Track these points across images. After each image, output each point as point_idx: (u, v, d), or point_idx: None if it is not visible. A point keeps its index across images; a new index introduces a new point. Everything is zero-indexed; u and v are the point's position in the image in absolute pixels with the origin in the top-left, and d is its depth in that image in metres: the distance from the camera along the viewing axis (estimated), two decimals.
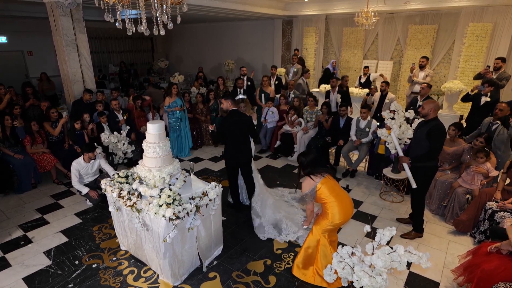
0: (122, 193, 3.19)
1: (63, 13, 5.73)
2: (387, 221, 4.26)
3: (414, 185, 3.71)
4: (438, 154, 3.62)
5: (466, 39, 7.56)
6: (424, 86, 5.78)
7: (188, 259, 3.24)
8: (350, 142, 5.65)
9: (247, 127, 4.16)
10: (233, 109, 4.09)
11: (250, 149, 4.28)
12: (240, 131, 4.11)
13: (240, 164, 4.25)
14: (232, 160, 4.23)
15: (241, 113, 4.19)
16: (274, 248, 3.69)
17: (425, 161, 3.58)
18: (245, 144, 4.20)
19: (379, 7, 7.82)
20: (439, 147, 3.54)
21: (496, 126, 4.49)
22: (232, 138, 4.11)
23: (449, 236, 3.95)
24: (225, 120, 4.16)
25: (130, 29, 2.86)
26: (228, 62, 11.06)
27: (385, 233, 2.45)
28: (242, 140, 4.15)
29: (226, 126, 4.10)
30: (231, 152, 4.19)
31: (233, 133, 4.09)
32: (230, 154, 4.21)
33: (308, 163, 3.03)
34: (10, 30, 10.19)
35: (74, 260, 3.49)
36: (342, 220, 2.97)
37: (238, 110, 4.14)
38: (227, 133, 4.10)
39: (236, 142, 4.13)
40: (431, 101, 3.73)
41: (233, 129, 4.07)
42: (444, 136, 3.61)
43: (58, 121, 5.42)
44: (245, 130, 4.14)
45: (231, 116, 4.09)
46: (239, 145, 4.14)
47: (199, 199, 3.09)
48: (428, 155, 3.52)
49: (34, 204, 4.67)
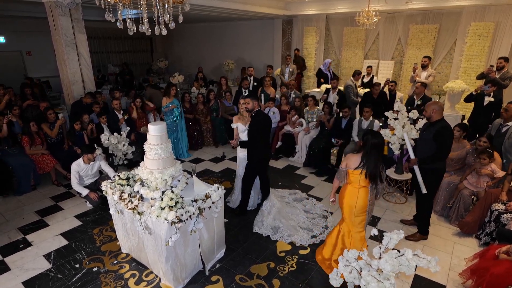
0: (123, 195, 3.13)
1: (62, 13, 5.67)
2: (391, 222, 4.21)
3: (424, 190, 3.65)
4: (446, 156, 3.56)
5: (468, 38, 7.52)
6: (418, 85, 5.79)
7: (190, 263, 3.19)
8: (353, 143, 5.60)
9: (270, 126, 4.30)
10: (258, 109, 4.05)
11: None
12: (268, 131, 4.26)
13: (266, 163, 4.35)
14: (263, 162, 4.23)
15: (264, 112, 4.23)
16: (278, 251, 3.64)
17: (432, 162, 3.53)
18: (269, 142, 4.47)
19: (380, 6, 7.77)
20: (446, 148, 3.49)
21: (507, 128, 4.37)
22: (263, 138, 4.14)
23: (454, 238, 3.90)
24: (257, 122, 4.01)
25: (132, 29, 2.81)
26: (228, 62, 11.00)
27: (393, 237, 2.40)
28: (268, 139, 4.36)
29: (260, 127, 4.04)
30: (263, 152, 4.16)
31: (264, 133, 4.13)
32: (262, 155, 4.16)
33: (370, 146, 2.94)
34: (8, 30, 10.12)
35: (75, 264, 3.43)
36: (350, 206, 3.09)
37: (261, 110, 4.12)
38: (260, 134, 4.06)
39: (266, 142, 4.24)
40: (433, 102, 3.67)
41: (263, 129, 4.09)
42: (452, 138, 3.56)
43: (56, 122, 5.36)
44: (269, 128, 4.29)
45: (258, 116, 4.03)
46: (267, 145, 4.30)
47: (202, 201, 3.03)
48: (435, 156, 3.47)
49: (33, 206, 4.61)
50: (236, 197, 4.57)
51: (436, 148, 3.47)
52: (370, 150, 2.94)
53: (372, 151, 2.93)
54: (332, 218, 4.31)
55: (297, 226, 4.04)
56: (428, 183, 3.65)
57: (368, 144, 2.94)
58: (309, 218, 4.27)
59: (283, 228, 3.96)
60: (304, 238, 3.82)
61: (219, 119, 7.26)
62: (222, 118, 7.27)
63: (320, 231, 3.99)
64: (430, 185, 3.66)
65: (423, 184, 3.64)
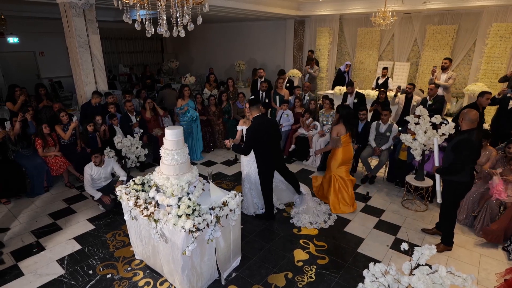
0: (138, 201, 3.05)
1: (76, 13, 5.64)
2: (412, 232, 4.05)
3: (440, 199, 3.58)
4: (460, 169, 3.28)
5: (488, 39, 7.27)
6: (432, 86, 5.77)
7: (206, 272, 3.09)
8: (369, 147, 5.44)
9: (275, 131, 4.09)
10: (258, 115, 3.93)
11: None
12: (274, 137, 4.07)
13: (279, 167, 4.30)
14: (273, 168, 4.15)
15: (266, 118, 4.10)
16: (295, 260, 3.52)
17: (446, 174, 3.38)
18: (279, 147, 4.34)
19: (397, 6, 7.59)
20: (461, 162, 3.24)
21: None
22: (269, 144, 3.99)
23: (480, 249, 3.72)
24: (253, 128, 3.90)
25: (149, 31, 2.73)
26: (239, 63, 10.90)
27: (425, 252, 2.25)
28: (277, 145, 4.20)
29: (257, 133, 3.88)
30: (272, 159, 4.07)
31: (267, 139, 3.95)
32: (271, 161, 4.08)
33: (345, 115, 4.39)
34: (22, 30, 10.21)
35: (88, 270, 3.36)
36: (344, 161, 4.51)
37: (261, 115, 3.97)
38: (258, 140, 3.91)
39: (274, 148, 4.10)
40: (468, 110, 3.35)
41: (263, 135, 3.91)
42: (470, 152, 3.24)
43: (69, 124, 5.33)
44: (274, 134, 4.08)
45: (256, 121, 3.91)
46: (276, 150, 4.17)
47: (219, 209, 2.93)
48: (449, 168, 3.32)
49: (46, 209, 4.58)
50: (246, 202, 4.43)
51: (452, 160, 3.31)
52: (347, 119, 4.36)
53: (348, 118, 4.38)
54: (334, 217, 4.39)
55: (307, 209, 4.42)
56: (450, 195, 3.50)
57: (344, 115, 4.38)
58: (316, 208, 4.54)
59: (300, 204, 4.48)
60: (302, 221, 4.19)
61: (231, 120, 7.17)
62: (234, 119, 7.17)
63: (319, 221, 4.25)
64: (451, 197, 3.51)
65: (440, 193, 3.57)
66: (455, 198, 3.53)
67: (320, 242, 3.83)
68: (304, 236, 3.95)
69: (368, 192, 4.98)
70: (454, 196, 3.51)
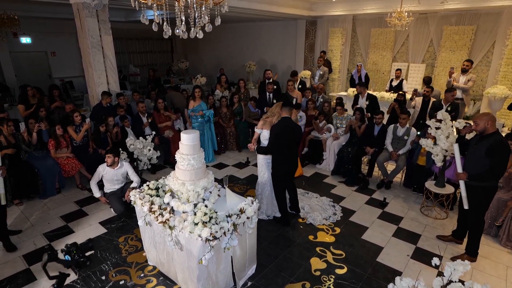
0: (153, 207, 2.97)
1: (89, 14, 5.61)
2: (433, 240, 3.89)
3: (467, 206, 3.40)
4: (502, 173, 3.21)
5: (509, 41, 7.03)
6: (453, 96, 5.48)
7: (222, 280, 2.99)
8: (386, 151, 5.28)
9: (298, 136, 4.08)
10: (283, 117, 3.88)
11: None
12: (295, 141, 4.03)
13: (290, 174, 4.19)
14: (288, 175, 4.12)
15: (291, 121, 3.99)
16: (312, 269, 3.40)
17: (483, 181, 3.21)
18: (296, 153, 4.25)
19: (413, 7, 7.39)
20: (502, 165, 3.14)
21: None
22: (289, 149, 3.94)
23: (506, 261, 3.55)
24: (278, 129, 3.85)
25: (167, 32, 2.65)
26: (250, 64, 10.80)
27: (458, 268, 2.12)
28: (295, 151, 4.13)
29: (281, 136, 3.85)
30: (288, 165, 4.04)
31: (289, 143, 3.91)
32: (287, 168, 4.05)
33: None
34: (34, 31, 10.27)
35: (101, 275, 3.29)
36: None
37: (286, 118, 3.90)
38: (281, 143, 3.86)
39: (292, 154, 4.05)
40: (485, 113, 3.33)
41: (287, 139, 3.86)
42: (509, 154, 3.17)
43: (82, 125, 5.29)
44: (296, 139, 4.05)
45: (281, 124, 3.87)
46: (294, 157, 4.12)
47: (236, 216, 2.83)
48: (488, 174, 3.15)
49: (58, 211, 4.54)
50: (264, 207, 4.34)
51: (488, 165, 3.15)
52: None
53: None
54: (339, 207, 4.61)
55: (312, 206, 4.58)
56: (478, 201, 3.34)
57: None
58: (319, 203, 4.72)
59: (303, 205, 4.54)
60: (317, 219, 4.26)
61: (242, 122, 7.07)
62: (245, 122, 7.07)
63: (330, 214, 4.41)
64: (479, 204, 3.35)
65: (467, 199, 3.39)
66: (484, 203, 3.37)
67: (337, 250, 3.70)
68: (321, 244, 3.82)
69: (385, 198, 4.83)
70: (484, 201, 3.35)
